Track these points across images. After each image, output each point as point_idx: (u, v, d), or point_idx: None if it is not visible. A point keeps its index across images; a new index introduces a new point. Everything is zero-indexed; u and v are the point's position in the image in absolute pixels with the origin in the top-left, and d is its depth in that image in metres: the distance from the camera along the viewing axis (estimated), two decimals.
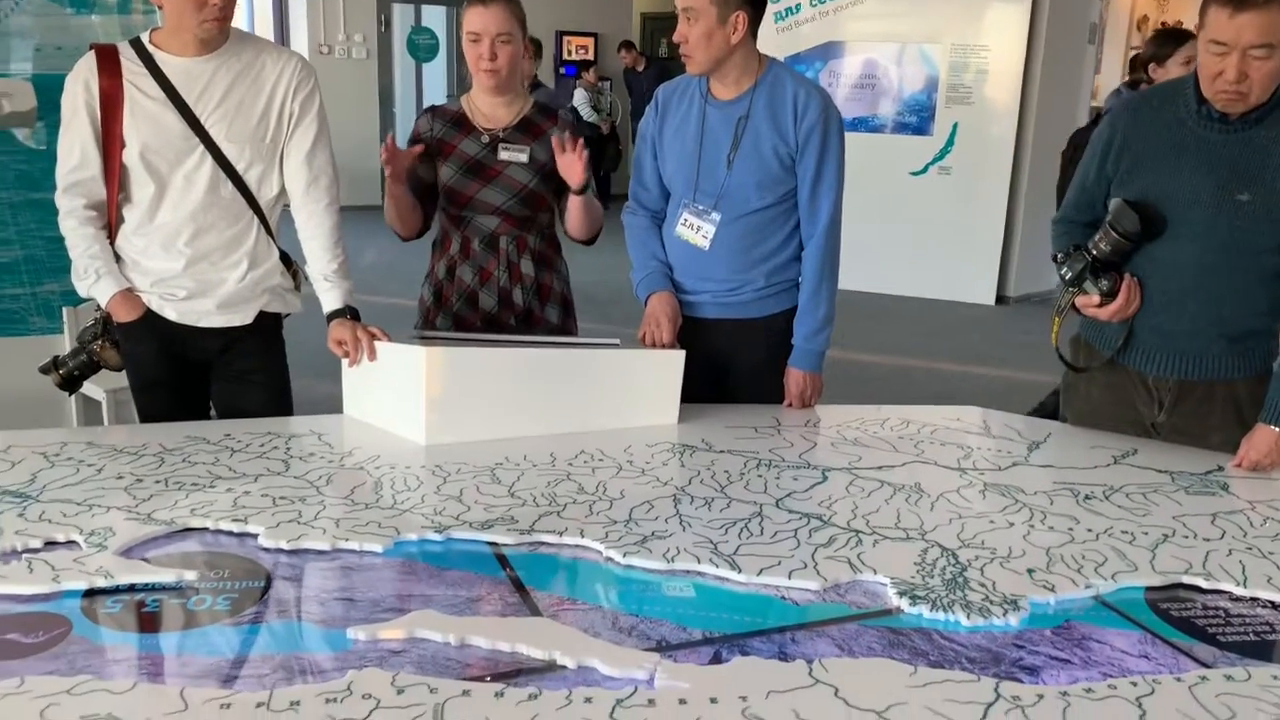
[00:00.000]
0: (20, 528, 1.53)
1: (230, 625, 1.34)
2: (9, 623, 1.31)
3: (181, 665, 1.24)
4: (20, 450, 1.82)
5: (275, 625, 1.35)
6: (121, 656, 1.26)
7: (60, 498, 1.64)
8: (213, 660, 1.25)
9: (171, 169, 2.02)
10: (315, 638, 1.32)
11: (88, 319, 3.40)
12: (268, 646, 1.30)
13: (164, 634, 1.31)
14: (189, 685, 1.18)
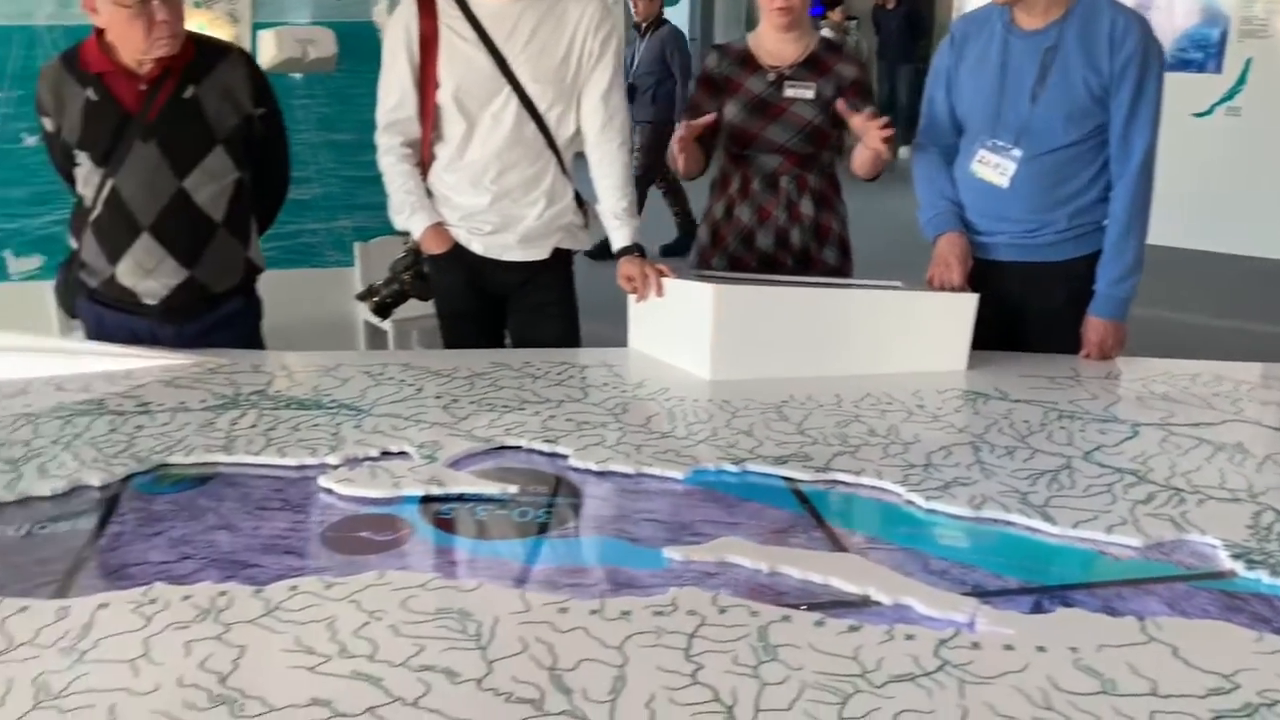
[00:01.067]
0: (358, 438, 1.67)
1: (553, 537, 1.42)
2: (360, 522, 1.45)
3: (513, 570, 1.33)
4: (348, 369, 1.99)
5: (594, 540, 1.42)
6: (460, 559, 1.36)
7: (389, 413, 1.78)
8: (541, 568, 1.34)
9: (480, 108, 2.12)
10: (632, 555, 1.37)
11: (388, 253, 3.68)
12: (589, 559, 1.37)
13: (495, 541, 1.41)
14: (526, 589, 1.26)
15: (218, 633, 1.15)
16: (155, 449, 1.61)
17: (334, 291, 3.89)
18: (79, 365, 1.95)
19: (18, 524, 1.40)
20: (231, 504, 1.47)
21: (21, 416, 1.72)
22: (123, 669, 1.08)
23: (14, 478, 1.50)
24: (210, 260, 2.08)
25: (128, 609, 1.19)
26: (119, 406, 1.77)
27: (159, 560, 1.32)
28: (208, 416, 1.74)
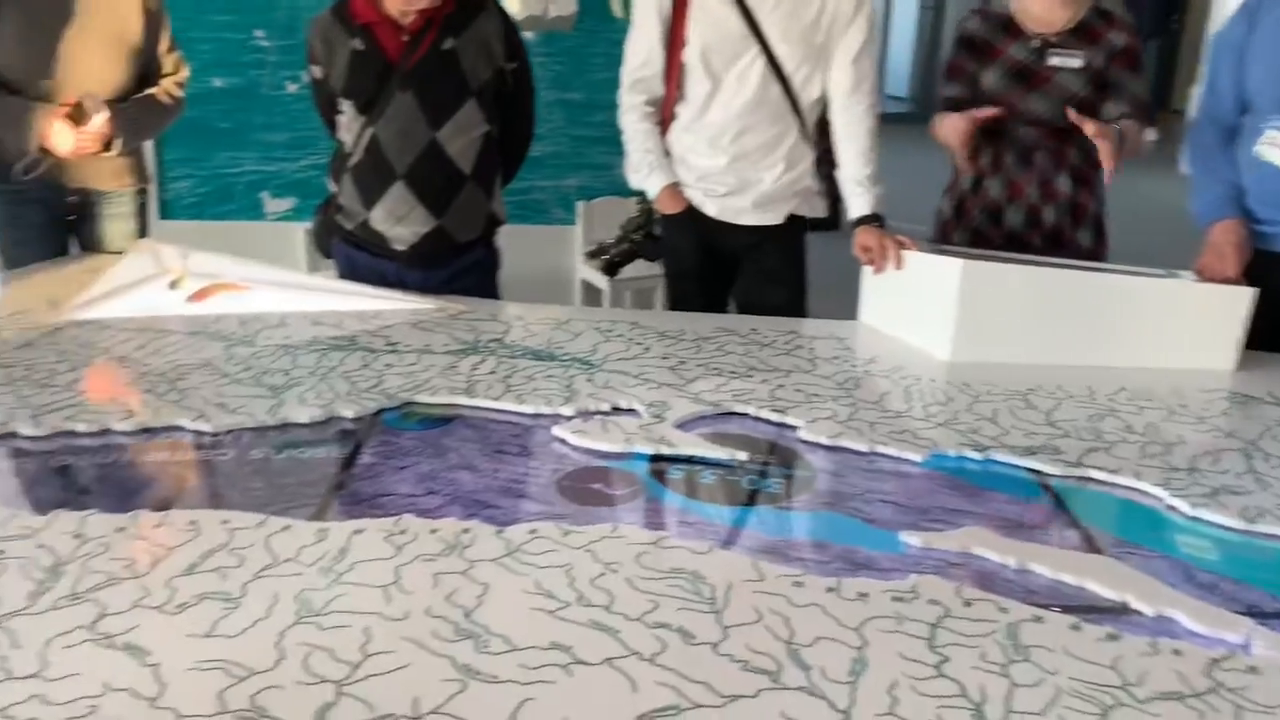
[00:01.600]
0: (590, 391, 1.69)
1: (784, 509, 1.39)
2: (593, 474, 1.46)
3: (743, 538, 1.31)
4: (580, 324, 2.02)
5: (828, 516, 1.38)
6: (690, 520, 1.35)
7: (619, 369, 1.79)
8: (772, 539, 1.31)
9: (726, 67, 2.09)
10: (868, 535, 1.33)
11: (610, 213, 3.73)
12: (823, 535, 1.33)
13: (723, 506, 1.39)
14: (758, 558, 1.24)
15: (462, 568, 1.18)
16: (403, 387, 1.68)
17: (556, 248, 3.98)
18: (333, 303, 2.07)
19: (279, 447, 1.49)
20: (472, 445, 1.52)
21: (281, 347, 1.83)
22: (375, 594, 1.13)
23: (275, 404, 1.60)
24: (457, 211, 2.15)
25: (379, 537, 1.24)
26: (370, 344, 1.86)
27: (407, 493, 1.38)
28: (450, 360, 1.80)
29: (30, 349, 1.78)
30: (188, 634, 1.05)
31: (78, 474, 1.41)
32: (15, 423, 1.50)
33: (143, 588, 1.13)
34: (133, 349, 1.80)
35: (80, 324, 1.91)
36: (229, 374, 1.70)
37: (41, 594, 1.11)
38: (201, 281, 2.13)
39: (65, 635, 1.04)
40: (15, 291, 2.08)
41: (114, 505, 1.32)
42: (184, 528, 1.25)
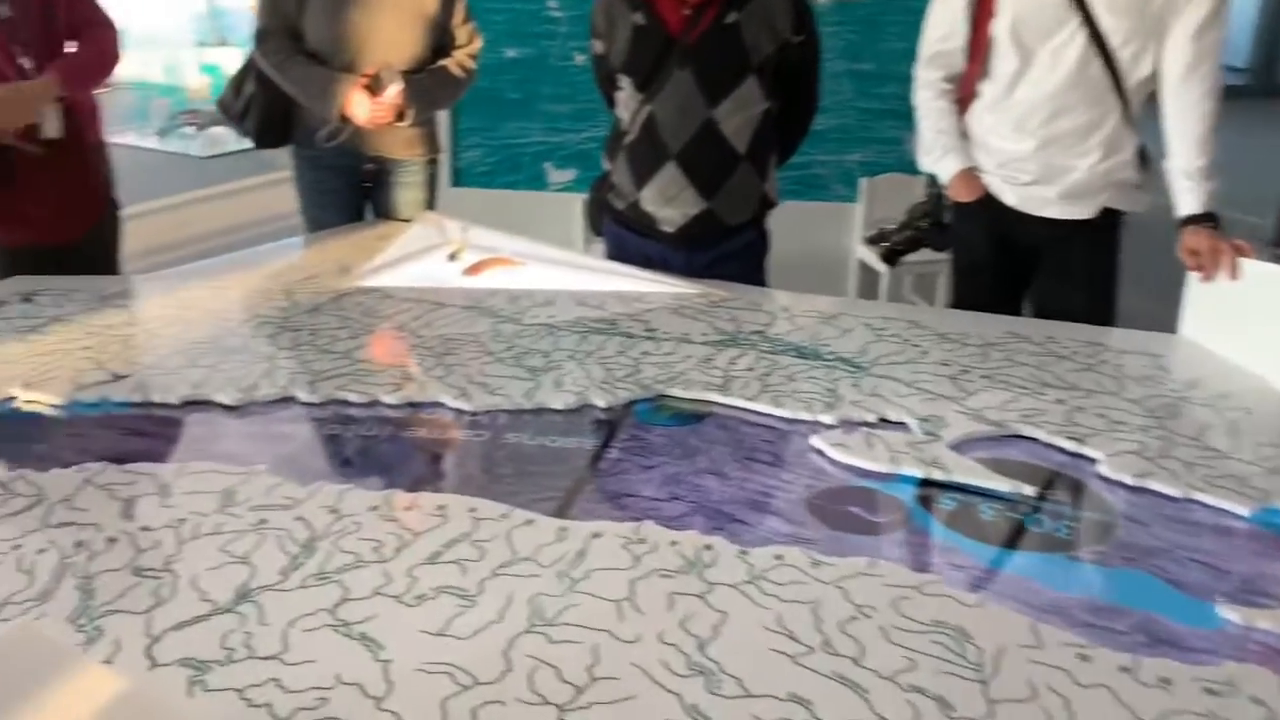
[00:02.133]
0: (855, 398, 1.56)
1: (1073, 558, 1.21)
2: (851, 495, 1.33)
3: (1023, 589, 1.14)
4: (849, 319, 1.88)
5: (1126, 573, 1.18)
6: (960, 562, 1.20)
7: (889, 375, 1.64)
8: (1055, 595, 1.13)
9: (1040, 42, 1.87)
10: (1175, 603, 1.12)
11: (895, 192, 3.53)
12: (1118, 597, 1.14)
13: (1000, 549, 1.22)
14: (1038, 618, 1.07)
15: (701, 590, 1.10)
16: (658, 378, 1.62)
17: (833, 227, 3.82)
18: (599, 283, 2.04)
19: (531, 432, 1.47)
20: (722, 449, 1.43)
21: (545, 326, 1.82)
22: (608, 609, 1.07)
23: (532, 386, 1.58)
24: (728, 193, 2.06)
25: (618, 543, 1.18)
26: (629, 329, 1.81)
27: (650, 496, 1.31)
28: (708, 352, 1.72)
29: (317, 314, 1.87)
30: (421, 629, 1.04)
31: (343, 445, 1.45)
32: (295, 387, 1.57)
33: (385, 574, 1.13)
34: (410, 319, 1.85)
35: (365, 291, 1.99)
36: (493, 352, 1.71)
37: (293, 569, 1.13)
38: (479, 255, 2.17)
39: (308, 617, 1.05)
40: (311, 255, 2.20)
41: (371, 480, 1.35)
42: (432, 512, 1.25)
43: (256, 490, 1.29)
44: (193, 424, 1.50)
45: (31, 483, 1.30)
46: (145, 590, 1.10)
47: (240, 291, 1.98)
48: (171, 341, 1.74)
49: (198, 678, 0.97)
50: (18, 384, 1.58)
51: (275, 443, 1.44)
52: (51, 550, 1.16)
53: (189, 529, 1.21)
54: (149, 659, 0.99)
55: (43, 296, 1.96)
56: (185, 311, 1.88)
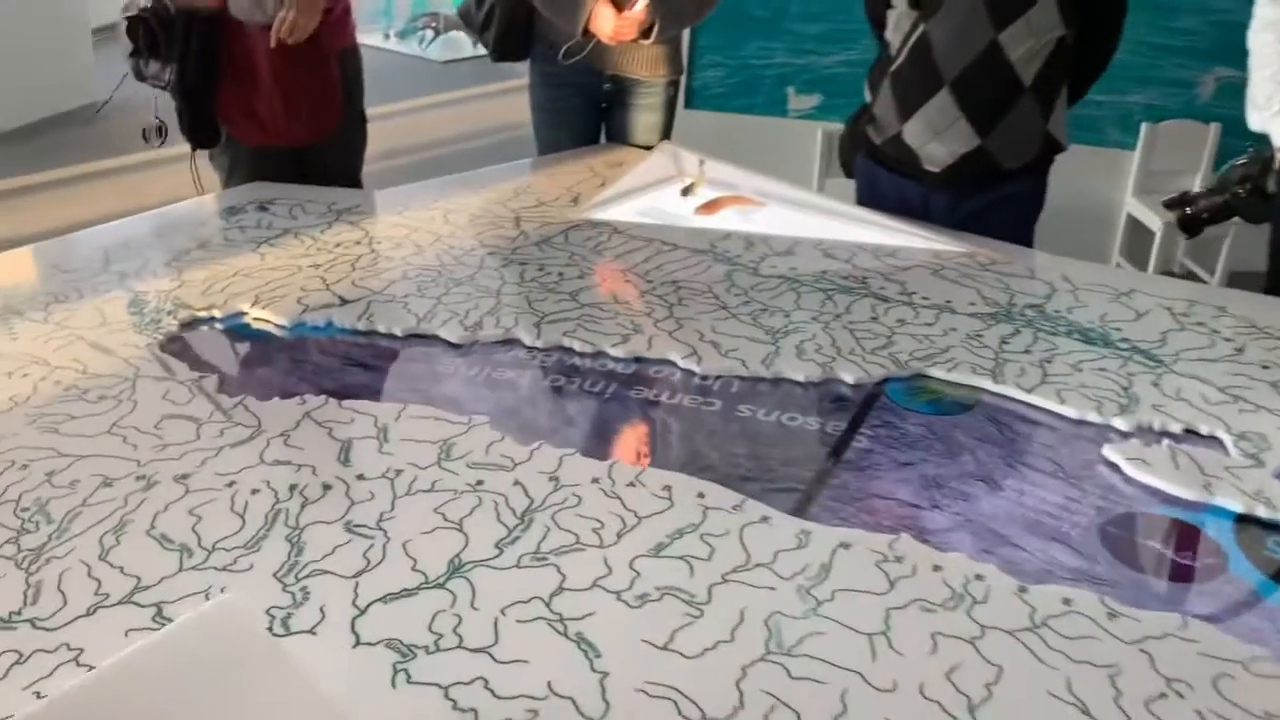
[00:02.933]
0: (1156, 401, 1.31)
1: None
2: (1154, 526, 1.11)
3: None
4: (1144, 298, 1.60)
5: None
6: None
7: (1195, 374, 1.38)
8: None
9: None
10: None
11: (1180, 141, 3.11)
12: None
13: None
14: None
15: (971, 634, 0.93)
16: (916, 353, 1.42)
17: (1104, 176, 3.42)
18: (846, 232, 1.84)
19: (768, 408, 1.31)
20: (993, 449, 1.23)
21: (786, 280, 1.65)
22: (859, 644, 0.91)
23: (771, 351, 1.42)
24: (1006, 129, 1.80)
25: (870, 560, 1.02)
26: (882, 290, 1.61)
27: (907, 501, 1.13)
28: (975, 326, 1.50)
29: (546, 247, 1.77)
30: (643, 638, 0.92)
31: (565, 399, 1.34)
32: (520, 330, 1.47)
33: (605, 563, 1.01)
34: (640, 260, 1.72)
35: (594, 224, 1.87)
36: (727, 306, 1.55)
37: (509, 544, 1.03)
38: (714, 191, 2.00)
39: (522, 605, 0.95)
40: (541, 180, 2.10)
41: (593, 444, 1.23)
42: (657, 493, 1.12)
43: (476, 444, 1.20)
44: (415, 359, 1.43)
45: (252, 413, 1.26)
46: (355, 551, 1.03)
47: (469, 216, 1.90)
48: (400, 266, 1.68)
49: (402, 665, 0.89)
50: (249, 299, 1.56)
51: (497, 390, 1.35)
52: (265, 492, 1.11)
53: (404, 483, 1.13)
54: (354, 635, 0.92)
55: (278, 205, 1.95)
56: (415, 234, 1.81)
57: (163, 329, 1.48)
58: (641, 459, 1.21)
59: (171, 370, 1.36)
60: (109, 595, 0.96)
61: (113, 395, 1.30)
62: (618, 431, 1.28)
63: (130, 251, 1.75)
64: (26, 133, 5.31)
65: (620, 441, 1.25)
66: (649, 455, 1.23)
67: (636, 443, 1.26)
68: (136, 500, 1.10)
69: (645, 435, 1.28)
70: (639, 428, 1.29)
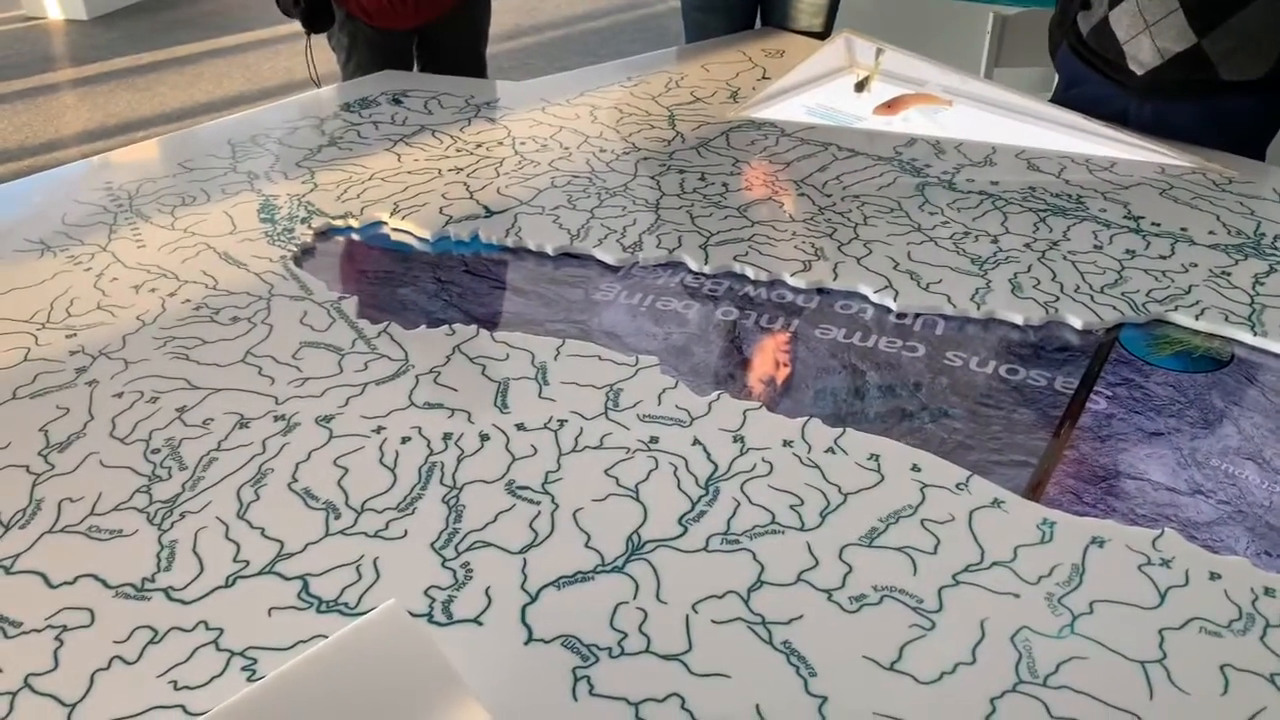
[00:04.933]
0: None
1: None
2: None
3: None
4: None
5: None
6: None
7: None
8: None
9: None
10: None
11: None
12: None
13: None
14: None
15: (1269, 669, 0.75)
16: (1153, 293, 1.20)
17: None
18: (1048, 138, 1.60)
19: (982, 356, 1.13)
20: (1260, 419, 1.02)
21: (989, 197, 1.42)
22: (1130, 676, 0.74)
23: (981, 286, 1.22)
24: (1231, 32, 1.51)
25: (1131, 561, 0.84)
26: (1103, 212, 1.38)
27: (1161, 482, 0.95)
28: (1220, 260, 1.26)
29: (706, 151, 1.58)
30: (864, 654, 0.77)
31: (742, 338, 1.17)
32: (685, 251, 1.31)
33: (810, 551, 0.86)
34: (814, 169, 1.52)
35: (758, 125, 1.67)
36: (923, 227, 1.35)
37: (694, 520, 0.89)
38: (894, 88, 1.77)
39: (716, 601, 0.81)
40: (694, 71, 1.89)
41: (778, 397, 1.07)
42: (863, 462, 0.96)
43: (647, 391, 1.05)
44: (570, 282, 1.28)
45: (398, 343, 1.13)
46: (520, 518, 0.90)
47: (618, 114, 1.72)
48: (547, 172, 1.51)
49: (584, 670, 0.76)
50: (388, 207, 1.42)
51: (663, 323, 1.19)
52: (417, 441, 0.98)
53: (569, 436, 0.99)
54: (525, 628, 0.79)
55: (412, 98, 1.80)
56: (560, 134, 1.64)
57: (296, 239, 1.35)
58: (837, 415, 1.04)
59: (309, 289, 1.24)
60: (249, 563, 0.86)
61: (246, 317, 1.19)
62: (806, 380, 1.11)
63: (258, 148, 1.63)
64: (142, 8, 5.25)
65: (810, 393, 1.08)
66: (844, 411, 1.06)
67: (828, 392, 1.09)
68: (276, 445, 0.98)
69: (837, 383, 1.11)
70: (829, 373, 1.12)
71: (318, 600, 0.82)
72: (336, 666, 0.61)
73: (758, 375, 1.11)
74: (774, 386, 1.09)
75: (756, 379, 1.10)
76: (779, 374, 1.12)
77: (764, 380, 1.10)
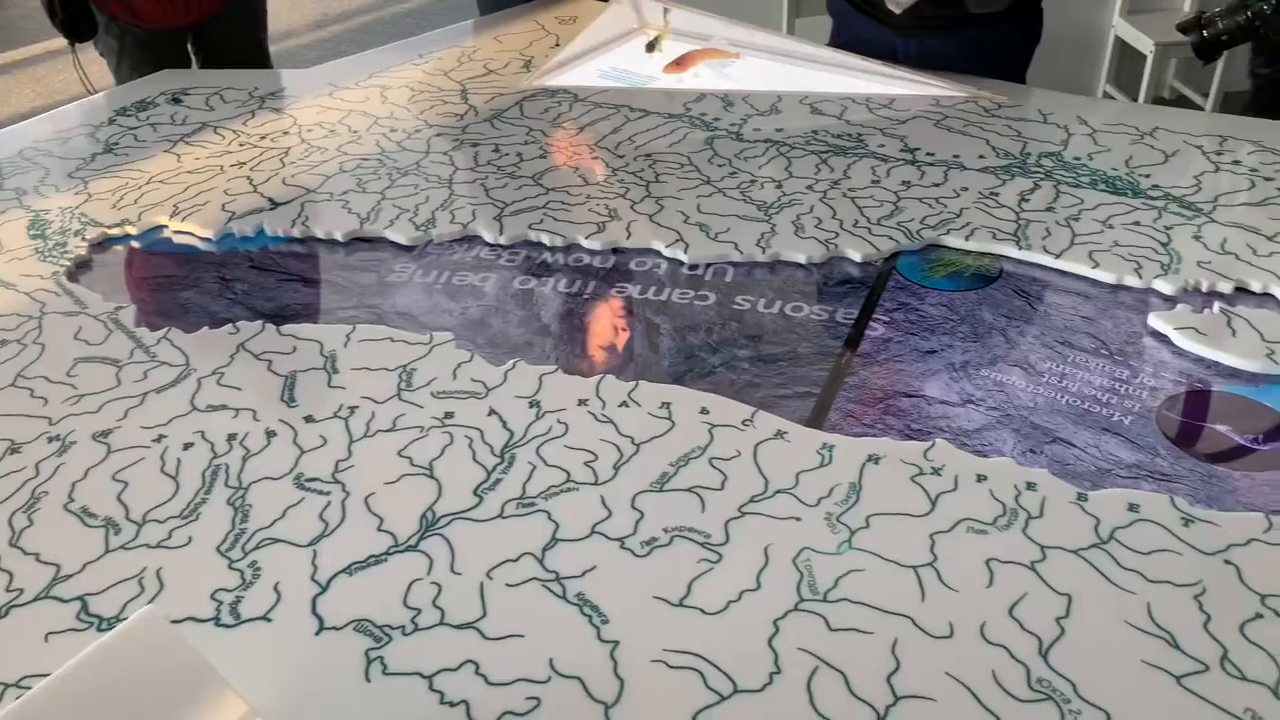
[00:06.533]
0: (1201, 257, 1.16)
1: None
2: (1219, 406, 0.98)
3: None
4: (1170, 136, 1.43)
5: None
6: None
7: (1241, 221, 1.23)
8: None
9: None
10: None
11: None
12: None
13: None
14: None
15: (1030, 557, 0.80)
16: (926, 220, 1.26)
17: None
18: (833, 82, 1.65)
19: (769, 297, 1.16)
20: (1026, 327, 1.09)
21: (774, 144, 1.47)
22: (904, 581, 0.79)
23: (766, 231, 1.26)
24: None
25: (904, 474, 0.89)
26: (881, 148, 1.44)
27: (935, 397, 1.00)
28: (989, 182, 1.34)
29: (500, 122, 1.57)
30: (655, 594, 0.79)
31: (539, 304, 1.17)
32: (479, 225, 1.30)
33: (604, 503, 0.87)
34: (607, 131, 1.53)
35: (551, 92, 1.67)
36: (712, 180, 1.38)
37: (489, 489, 0.89)
38: (683, 44, 1.79)
39: (511, 565, 0.82)
40: (486, 44, 1.88)
41: (576, 356, 1.08)
42: (655, 412, 0.97)
43: (441, 368, 1.05)
44: (362, 267, 1.25)
45: (178, 348, 1.09)
46: (310, 510, 0.88)
47: (409, 92, 1.69)
48: (335, 158, 1.48)
49: (376, 651, 0.76)
50: (168, 210, 1.37)
51: (459, 298, 1.18)
52: (200, 446, 0.95)
53: (360, 422, 0.98)
54: (316, 618, 0.78)
55: (193, 95, 1.73)
56: (349, 118, 1.61)
57: (70, 253, 1.29)
58: (631, 370, 1.06)
59: (83, 303, 1.19)
60: (23, 591, 0.82)
61: (15, 339, 1.13)
62: (601, 339, 1.12)
63: (26, 162, 1.54)
64: None
65: (606, 351, 1.10)
66: (640, 364, 1.08)
67: (623, 349, 1.10)
68: (51, 467, 0.94)
69: (633, 341, 1.12)
70: (624, 331, 1.14)
71: (98, 619, 0.79)
72: (92, 678, 0.59)
73: (555, 339, 1.12)
74: (571, 348, 1.10)
75: (554, 343, 1.11)
76: (576, 336, 1.12)
77: (562, 343, 1.11)
